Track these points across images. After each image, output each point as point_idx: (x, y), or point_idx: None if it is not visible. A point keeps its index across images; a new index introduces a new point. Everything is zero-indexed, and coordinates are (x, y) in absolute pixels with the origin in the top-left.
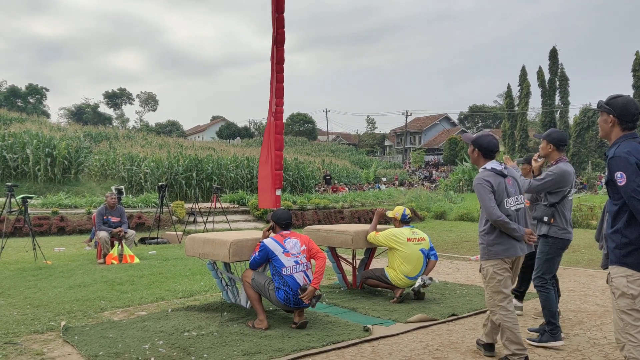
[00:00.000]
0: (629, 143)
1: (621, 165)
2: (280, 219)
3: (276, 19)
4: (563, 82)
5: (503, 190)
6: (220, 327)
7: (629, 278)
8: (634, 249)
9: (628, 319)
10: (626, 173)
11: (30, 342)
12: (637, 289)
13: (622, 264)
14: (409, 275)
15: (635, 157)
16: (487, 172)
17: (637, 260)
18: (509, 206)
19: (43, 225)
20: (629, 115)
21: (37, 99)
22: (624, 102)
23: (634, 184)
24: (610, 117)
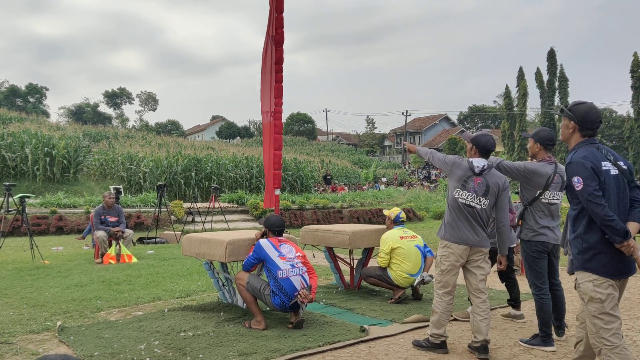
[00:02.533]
0: (586, 148)
1: (578, 170)
2: (273, 225)
3: (275, 18)
4: (562, 82)
5: (462, 178)
6: (217, 327)
7: (594, 282)
8: (596, 253)
9: (600, 323)
10: (582, 178)
11: (26, 342)
12: (604, 292)
13: (586, 269)
14: (410, 273)
15: (591, 162)
16: (464, 160)
17: (599, 265)
18: (458, 196)
19: (41, 224)
20: (590, 122)
21: (36, 99)
22: (586, 109)
23: (590, 188)
24: (572, 123)
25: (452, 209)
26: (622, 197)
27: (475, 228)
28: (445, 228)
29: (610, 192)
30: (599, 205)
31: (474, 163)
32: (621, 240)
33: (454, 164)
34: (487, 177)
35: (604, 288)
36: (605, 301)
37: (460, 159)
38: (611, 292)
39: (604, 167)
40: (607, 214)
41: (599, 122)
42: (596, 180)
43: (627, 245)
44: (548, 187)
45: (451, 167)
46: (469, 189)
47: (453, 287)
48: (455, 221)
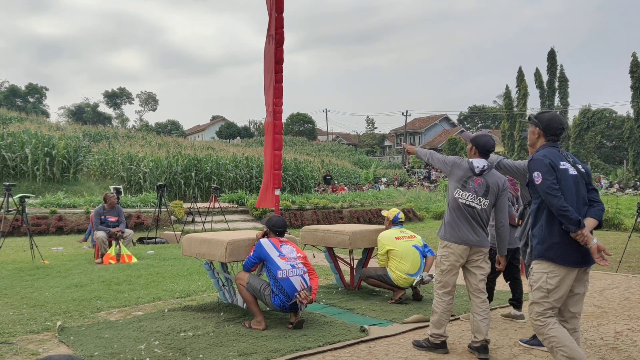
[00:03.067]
0: (547, 149)
1: (537, 166)
2: (275, 225)
3: (275, 18)
4: (562, 83)
5: (462, 179)
6: (217, 327)
7: (549, 274)
8: (554, 243)
9: (538, 309)
10: (541, 172)
11: (26, 342)
12: (553, 283)
13: (544, 257)
14: (409, 273)
15: (550, 159)
16: (464, 160)
17: (556, 254)
18: (458, 196)
19: (41, 224)
20: (553, 129)
21: (36, 99)
22: (549, 117)
23: (548, 182)
24: (537, 130)
25: (452, 209)
26: (579, 195)
27: (475, 228)
28: (445, 228)
29: (568, 188)
30: (555, 197)
31: (474, 163)
32: (575, 229)
33: (454, 164)
34: (487, 178)
35: (555, 280)
36: (552, 292)
37: (460, 159)
38: (560, 284)
39: (561, 166)
40: (563, 205)
41: (562, 129)
42: (554, 174)
43: (581, 235)
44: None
45: (451, 167)
46: (469, 189)
47: (453, 287)
48: (455, 221)
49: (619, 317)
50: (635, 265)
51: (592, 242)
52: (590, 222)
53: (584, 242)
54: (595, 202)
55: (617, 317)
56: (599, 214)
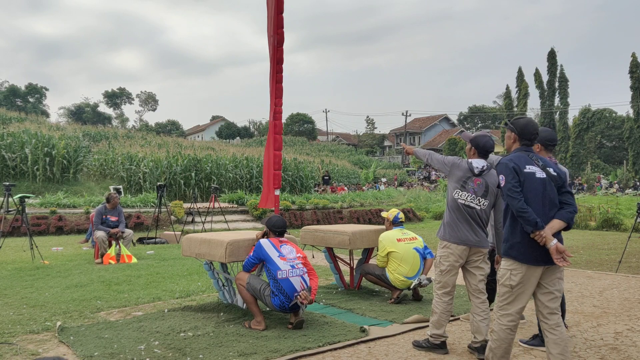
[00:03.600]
0: (516, 153)
1: (502, 169)
2: (274, 225)
3: (275, 19)
4: (563, 83)
5: (461, 179)
6: (217, 327)
7: (512, 272)
8: (516, 242)
9: (501, 302)
10: (505, 175)
11: (26, 342)
12: (516, 280)
13: (508, 255)
14: (407, 276)
15: (515, 163)
16: (463, 161)
17: (518, 252)
18: (457, 196)
19: (41, 224)
20: (528, 134)
21: (36, 99)
22: (524, 123)
23: (510, 184)
24: (513, 134)
25: (451, 209)
26: (547, 197)
27: (474, 228)
28: (445, 228)
29: (533, 191)
30: (515, 199)
31: (474, 164)
32: (532, 229)
33: (454, 164)
34: (487, 178)
35: (518, 277)
36: (515, 287)
37: (459, 159)
38: (523, 281)
39: (526, 170)
40: (522, 207)
41: (536, 134)
42: (516, 178)
43: (539, 235)
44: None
45: (450, 167)
46: (469, 189)
47: (452, 288)
48: (455, 222)
49: (618, 318)
50: (635, 266)
51: (550, 243)
52: (556, 223)
53: (543, 242)
54: (566, 204)
55: (617, 317)
56: (567, 216)
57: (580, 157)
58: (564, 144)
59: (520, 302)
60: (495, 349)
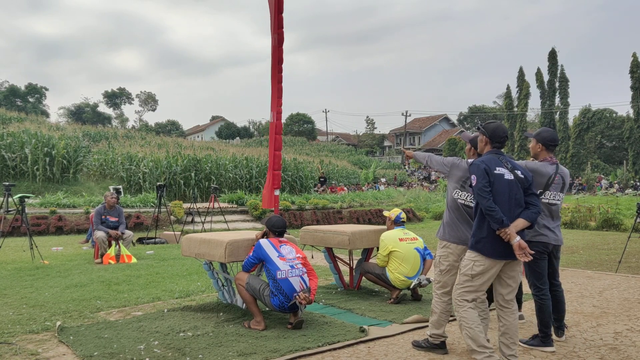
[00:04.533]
0: (488, 155)
1: (474, 170)
2: (274, 225)
3: (276, 19)
4: (563, 83)
5: (461, 182)
6: (216, 327)
7: (475, 263)
8: (482, 237)
9: (461, 290)
10: (476, 176)
11: (26, 342)
12: (477, 270)
13: (474, 249)
14: (408, 276)
15: (486, 164)
16: (464, 162)
17: (483, 247)
18: (457, 196)
19: (41, 224)
20: (497, 137)
21: (36, 99)
22: (495, 126)
23: (480, 184)
24: (484, 138)
25: (451, 209)
26: (513, 198)
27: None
28: (445, 228)
29: (501, 191)
30: (484, 198)
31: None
32: (498, 227)
33: (453, 165)
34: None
35: (479, 269)
36: (474, 278)
37: (459, 160)
38: (483, 272)
39: (496, 171)
40: (490, 205)
41: (505, 137)
42: (487, 179)
43: (504, 232)
44: (549, 187)
45: (450, 168)
46: (468, 189)
47: (452, 287)
48: (455, 221)
49: (618, 318)
50: (634, 266)
51: (514, 240)
52: (520, 222)
53: (507, 239)
54: (531, 205)
55: (617, 317)
56: (531, 216)
57: (581, 157)
58: (564, 144)
59: (477, 292)
60: (470, 335)
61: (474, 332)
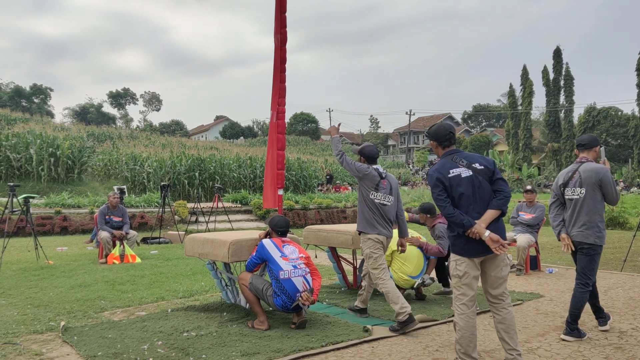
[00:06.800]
0: (441, 161)
1: (429, 180)
2: (277, 225)
3: (279, 18)
4: (568, 81)
5: (373, 184)
6: (220, 327)
7: (457, 262)
8: (455, 240)
9: (456, 292)
10: (431, 186)
11: (30, 342)
12: (461, 270)
13: (453, 251)
14: (411, 275)
15: (439, 172)
16: (371, 169)
17: (458, 248)
18: (373, 197)
19: (46, 225)
20: (441, 136)
21: (41, 99)
22: (435, 128)
23: (435, 194)
24: (432, 142)
25: (370, 207)
26: (478, 192)
27: (388, 222)
28: (362, 223)
29: (463, 190)
30: (442, 206)
31: (379, 170)
32: (462, 230)
33: (365, 174)
34: (389, 179)
35: (462, 267)
36: (462, 277)
37: (367, 167)
38: (467, 270)
39: (450, 174)
40: (449, 212)
41: (449, 134)
42: (440, 187)
43: (472, 232)
44: (567, 183)
45: (363, 174)
46: (380, 190)
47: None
48: (372, 217)
49: (623, 317)
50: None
51: (484, 235)
52: (489, 214)
53: (477, 237)
54: (498, 192)
55: (622, 316)
56: (498, 203)
57: None
58: (569, 142)
59: (470, 290)
60: (460, 339)
61: (465, 341)
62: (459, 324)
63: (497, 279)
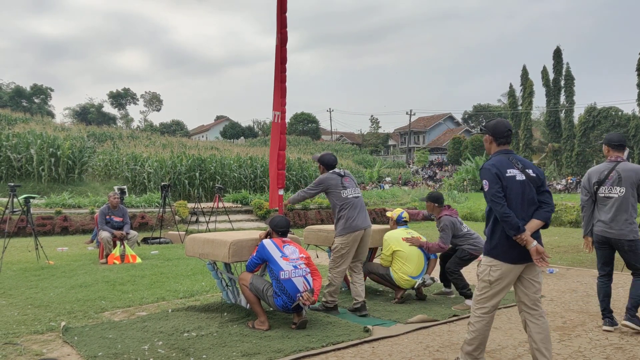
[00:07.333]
0: (497, 157)
1: (485, 175)
2: (277, 225)
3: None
4: (568, 81)
5: (339, 184)
6: (220, 327)
7: (492, 268)
8: (497, 242)
9: (478, 296)
10: (488, 181)
11: (30, 342)
12: (494, 276)
13: (489, 254)
14: (412, 275)
15: (497, 168)
16: (329, 174)
17: (498, 252)
18: (345, 195)
19: (46, 225)
20: (500, 132)
21: (42, 99)
22: (495, 123)
23: (493, 190)
24: (488, 137)
25: (345, 205)
26: (526, 198)
27: (365, 214)
28: (343, 223)
29: (514, 193)
30: (498, 204)
31: (336, 171)
32: (514, 233)
33: (325, 179)
34: (348, 175)
35: (497, 274)
36: (493, 283)
37: (324, 176)
38: (501, 277)
39: (508, 174)
40: (505, 212)
41: (508, 131)
42: (499, 183)
43: (520, 238)
44: (603, 182)
45: (324, 183)
46: (346, 187)
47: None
48: (351, 214)
49: (623, 317)
50: None
51: (530, 245)
52: (534, 223)
53: (523, 244)
54: (544, 204)
55: (622, 316)
56: (544, 215)
57: (586, 155)
58: (570, 142)
59: (497, 297)
60: (472, 340)
61: (476, 342)
62: (474, 326)
63: (535, 283)
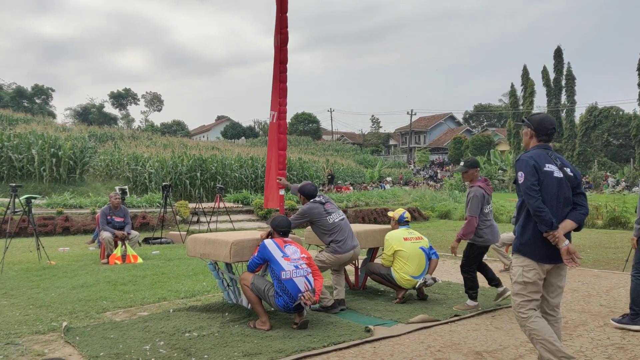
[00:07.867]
0: (536, 151)
1: (522, 166)
2: (278, 225)
3: (279, 18)
4: (569, 81)
5: (322, 212)
6: (222, 327)
7: (525, 268)
8: (527, 239)
9: (518, 300)
10: (524, 173)
11: (32, 342)
12: (531, 278)
13: (519, 252)
14: (413, 275)
15: (535, 160)
16: (311, 204)
17: (529, 250)
18: (332, 221)
19: (48, 225)
20: (544, 129)
21: (43, 100)
22: (541, 118)
23: (529, 182)
24: (529, 131)
25: (334, 230)
26: (562, 197)
27: (352, 233)
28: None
29: (550, 189)
30: (533, 197)
31: (317, 199)
32: (546, 229)
33: (309, 210)
34: (327, 200)
35: (531, 275)
36: (529, 284)
37: (307, 206)
38: (535, 279)
39: (545, 168)
40: (539, 206)
41: (553, 129)
42: (536, 176)
43: (552, 235)
44: None
45: (309, 213)
46: (330, 212)
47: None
48: (340, 237)
49: None
50: None
51: (562, 244)
52: (568, 224)
53: (555, 242)
54: (579, 206)
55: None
56: (579, 217)
57: (587, 155)
58: (571, 142)
59: (538, 293)
60: (544, 342)
61: (551, 346)
62: (533, 329)
63: (558, 287)
